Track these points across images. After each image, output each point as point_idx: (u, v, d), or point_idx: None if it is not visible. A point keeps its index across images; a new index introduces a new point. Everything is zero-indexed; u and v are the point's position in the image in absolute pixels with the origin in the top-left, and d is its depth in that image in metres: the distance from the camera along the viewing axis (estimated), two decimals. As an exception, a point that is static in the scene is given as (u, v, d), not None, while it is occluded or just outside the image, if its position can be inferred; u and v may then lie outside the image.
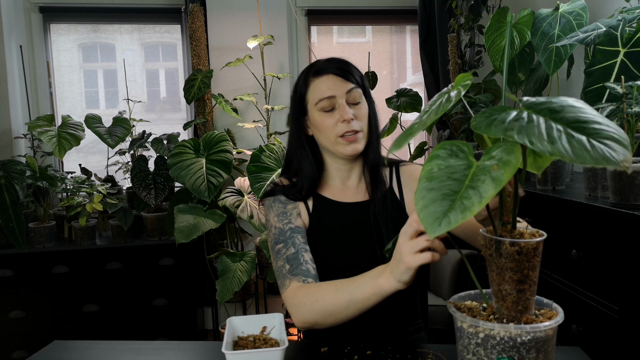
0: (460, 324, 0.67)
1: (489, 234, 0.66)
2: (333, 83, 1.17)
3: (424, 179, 0.59)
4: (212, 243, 2.80)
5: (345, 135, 1.15)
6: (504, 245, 0.64)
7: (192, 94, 2.77)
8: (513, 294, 0.65)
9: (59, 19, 3.10)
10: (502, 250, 0.64)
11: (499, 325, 0.63)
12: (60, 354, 1.11)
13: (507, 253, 0.64)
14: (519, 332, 0.62)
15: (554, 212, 1.64)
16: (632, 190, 1.29)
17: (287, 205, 1.22)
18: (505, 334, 0.62)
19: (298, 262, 1.10)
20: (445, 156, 0.61)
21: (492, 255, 0.65)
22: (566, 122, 0.54)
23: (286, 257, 1.12)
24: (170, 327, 2.59)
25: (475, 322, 0.64)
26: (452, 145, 0.62)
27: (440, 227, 0.53)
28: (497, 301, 0.66)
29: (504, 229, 0.67)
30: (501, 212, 0.67)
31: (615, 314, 1.33)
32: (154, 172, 2.65)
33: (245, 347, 0.97)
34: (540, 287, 1.68)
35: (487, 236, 0.65)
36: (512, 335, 0.62)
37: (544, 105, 0.57)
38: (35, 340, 2.47)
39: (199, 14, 2.82)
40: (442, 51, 3.00)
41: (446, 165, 0.60)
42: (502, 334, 0.63)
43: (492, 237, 0.65)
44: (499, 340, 0.63)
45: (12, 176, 2.36)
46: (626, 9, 1.63)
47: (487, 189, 0.54)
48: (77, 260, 2.50)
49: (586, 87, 1.57)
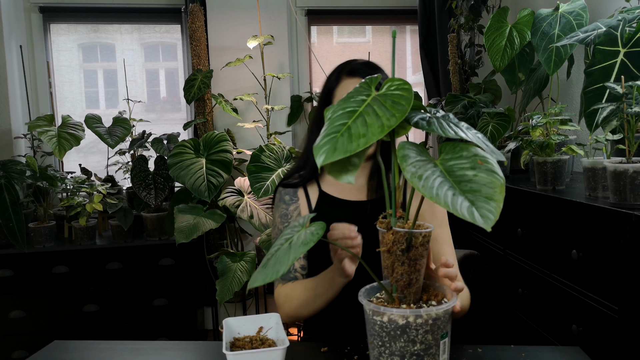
0: (367, 310, 0.75)
1: (402, 229, 0.72)
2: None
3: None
4: (212, 243, 2.80)
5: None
6: (416, 238, 0.72)
7: (192, 94, 2.77)
8: (419, 279, 0.75)
9: (59, 19, 3.10)
10: (414, 243, 0.72)
11: (397, 310, 0.72)
12: (60, 354, 1.11)
13: (419, 244, 0.73)
14: (420, 314, 0.71)
15: (554, 212, 1.64)
16: (632, 190, 1.29)
17: (290, 207, 1.27)
18: (406, 317, 0.71)
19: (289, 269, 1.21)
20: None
21: (403, 249, 0.73)
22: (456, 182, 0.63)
23: None
24: (170, 327, 2.59)
25: (377, 307, 0.73)
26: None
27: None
28: (404, 289, 0.75)
29: (403, 223, 0.74)
30: (394, 209, 0.75)
31: (615, 314, 1.33)
32: (154, 172, 2.65)
33: (243, 348, 0.96)
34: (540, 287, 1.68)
35: (401, 231, 0.72)
36: (412, 318, 0.71)
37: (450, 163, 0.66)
38: (35, 340, 2.47)
39: (199, 14, 2.82)
40: (442, 51, 3.00)
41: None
42: (404, 318, 0.71)
43: (407, 231, 0.72)
44: (400, 324, 0.71)
45: (12, 176, 2.36)
46: (626, 9, 1.63)
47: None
48: (77, 260, 2.50)
49: (586, 87, 1.57)
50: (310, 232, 0.73)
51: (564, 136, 1.71)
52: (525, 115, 2.18)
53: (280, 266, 0.70)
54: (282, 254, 0.72)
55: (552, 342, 1.67)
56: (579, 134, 2.19)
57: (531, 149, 1.73)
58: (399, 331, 0.72)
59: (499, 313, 2.09)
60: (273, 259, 0.73)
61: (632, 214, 1.23)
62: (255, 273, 0.75)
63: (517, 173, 2.26)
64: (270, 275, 0.70)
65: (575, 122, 1.94)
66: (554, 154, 1.72)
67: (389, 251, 0.74)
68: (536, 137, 1.71)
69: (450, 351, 1.06)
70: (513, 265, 1.94)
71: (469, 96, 2.46)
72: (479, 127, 2.19)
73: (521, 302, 1.88)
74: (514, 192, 1.90)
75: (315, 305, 1.16)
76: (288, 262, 0.69)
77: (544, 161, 1.71)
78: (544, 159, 1.71)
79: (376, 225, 0.77)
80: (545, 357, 1.04)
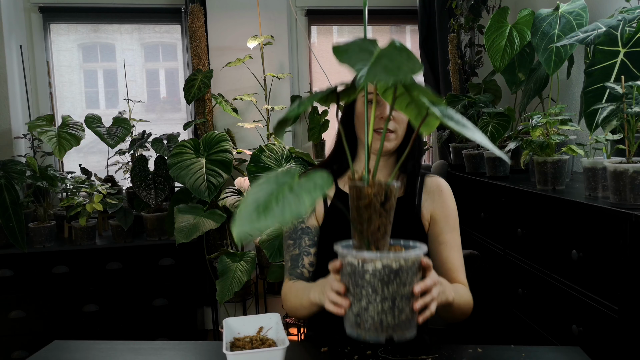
0: (356, 261, 0.80)
1: (382, 182, 0.78)
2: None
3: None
4: (212, 243, 2.80)
5: (378, 131, 1.21)
6: (392, 190, 0.78)
7: (192, 94, 2.77)
8: (388, 227, 0.81)
9: (59, 19, 3.10)
10: (389, 195, 0.78)
11: (393, 254, 0.78)
12: (60, 354, 1.11)
13: (393, 195, 0.79)
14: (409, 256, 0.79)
15: (554, 212, 1.64)
16: (632, 190, 1.29)
17: None
18: (398, 260, 0.78)
19: (296, 264, 1.24)
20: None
21: (382, 201, 0.78)
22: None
23: (290, 255, 1.26)
24: (170, 327, 2.59)
25: (372, 255, 0.78)
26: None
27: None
28: (379, 240, 0.80)
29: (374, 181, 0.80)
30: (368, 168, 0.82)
31: (615, 314, 1.33)
32: (154, 172, 2.65)
33: (243, 348, 0.96)
34: (540, 287, 1.68)
35: (382, 183, 0.78)
36: (403, 261, 0.78)
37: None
38: (35, 340, 2.47)
39: (199, 14, 2.82)
40: (442, 51, 3.00)
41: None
42: (397, 262, 0.78)
43: (385, 183, 0.78)
44: (394, 268, 0.78)
45: (12, 176, 2.36)
46: (626, 9, 1.63)
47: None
48: (77, 260, 2.50)
49: (586, 87, 1.57)
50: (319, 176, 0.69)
51: (564, 136, 1.71)
52: (525, 115, 2.18)
53: (297, 208, 0.64)
54: (291, 200, 0.66)
55: (552, 342, 1.67)
56: (579, 134, 2.19)
57: (531, 149, 1.73)
58: (392, 275, 0.78)
59: (499, 313, 2.09)
60: (279, 204, 0.66)
61: (632, 214, 1.23)
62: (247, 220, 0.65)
63: (517, 173, 2.26)
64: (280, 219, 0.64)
65: (575, 122, 1.94)
66: (554, 154, 1.72)
67: (369, 205, 0.78)
68: (536, 137, 1.71)
69: (450, 351, 1.06)
70: (513, 265, 1.94)
71: (469, 96, 2.46)
72: (479, 127, 2.19)
73: (521, 302, 1.88)
74: (514, 192, 1.90)
75: (302, 312, 1.17)
76: (305, 204, 0.65)
77: (544, 161, 1.71)
78: (544, 159, 1.71)
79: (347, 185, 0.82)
80: (545, 357, 1.04)
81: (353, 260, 0.80)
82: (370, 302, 0.78)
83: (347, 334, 0.83)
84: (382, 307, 0.78)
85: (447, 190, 1.32)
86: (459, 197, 2.54)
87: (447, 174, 2.62)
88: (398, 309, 0.79)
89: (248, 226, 0.64)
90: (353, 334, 0.81)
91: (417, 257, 0.81)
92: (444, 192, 1.30)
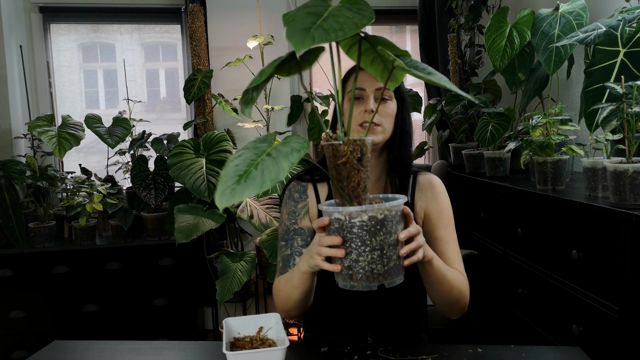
0: (343, 216, 0.83)
1: (356, 139, 0.82)
2: (368, 77, 1.23)
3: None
4: (212, 243, 2.80)
5: (363, 125, 1.21)
6: (366, 146, 0.82)
7: (192, 94, 2.77)
8: (367, 182, 0.84)
9: (59, 19, 3.10)
10: (365, 151, 0.82)
11: (377, 206, 0.82)
12: (60, 354, 1.11)
13: (369, 151, 0.83)
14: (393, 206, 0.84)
15: (554, 212, 1.64)
16: (632, 190, 1.29)
17: (298, 204, 1.29)
18: (383, 211, 0.82)
19: (288, 264, 1.23)
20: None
21: (359, 157, 0.82)
22: None
23: (282, 256, 1.26)
24: (170, 327, 2.59)
25: (359, 208, 0.81)
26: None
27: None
28: (360, 195, 0.83)
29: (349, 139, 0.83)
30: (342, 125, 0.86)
31: (615, 314, 1.33)
32: (154, 172, 2.65)
33: (243, 348, 0.96)
34: (540, 287, 1.68)
35: (357, 140, 0.81)
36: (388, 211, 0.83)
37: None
38: (35, 340, 2.47)
39: (199, 14, 2.82)
40: (442, 51, 3.00)
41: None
42: (381, 213, 0.82)
43: (361, 139, 0.82)
44: (379, 218, 0.82)
45: (12, 176, 2.36)
46: (626, 9, 1.63)
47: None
48: (77, 260, 2.50)
49: (586, 87, 1.57)
50: (295, 140, 0.73)
51: (564, 136, 1.71)
52: (525, 115, 2.18)
53: (276, 173, 0.66)
54: (269, 164, 0.68)
55: (552, 342, 1.67)
56: (579, 134, 2.19)
57: (531, 149, 1.73)
58: (379, 225, 0.82)
59: (499, 313, 2.09)
60: (259, 169, 0.68)
61: (632, 213, 1.23)
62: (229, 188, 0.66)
63: (517, 173, 2.26)
64: (260, 185, 0.65)
65: (575, 122, 1.94)
66: (554, 154, 1.72)
67: (347, 162, 0.82)
68: (536, 137, 1.71)
69: (450, 351, 1.06)
70: (513, 265, 1.94)
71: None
72: (479, 127, 2.19)
73: (521, 302, 1.88)
74: (514, 192, 1.90)
75: (294, 297, 1.13)
76: (284, 168, 0.67)
77: (544, 161, 1.71)
78: (544, 159, 1.71)
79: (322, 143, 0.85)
80: (545, 357, 1.04)
81: (340, 216, 0.83)
82: (360, 253, 0.83)
83: (341, 287, 0.87)
84: (372, 257, 0.83)
85: (439, 186, 1.31)
86: (459, 197, 2.55)
87: (447, 174, 2.62)
88: (387, 257, 0.83)
89: (229, 195, 0.65)
90: (346, 286, 0.85)
91: (400, 206, 0.86)
92: (436, 188, 1.30)
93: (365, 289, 0.84)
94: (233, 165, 0.70)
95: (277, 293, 1.20)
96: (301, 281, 1.08)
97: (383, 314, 1.24)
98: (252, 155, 0.71)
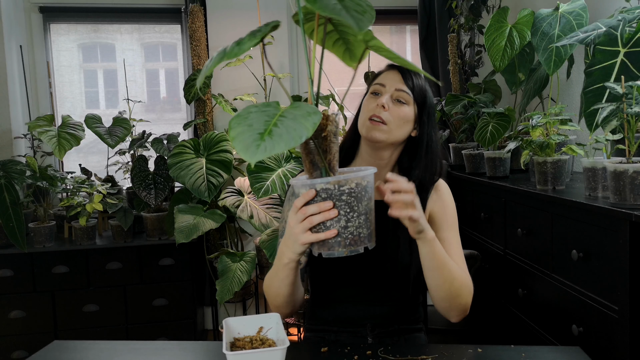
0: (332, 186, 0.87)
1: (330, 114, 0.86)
2: (393, 76, 1.25)
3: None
4: (212, 243, 2.80)
5: (372, 119, 1.21)
6: (336, 121, 0.87)
7: (192, 94, 2.78)
8: (337, 153, 0.89)
9: (59, 19, 3.10)
10: (337, 124, 0.87)
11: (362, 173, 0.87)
12: (60, 354, 1.11)
13: (336, 122, 0.87)
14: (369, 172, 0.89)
15: (554, 212, 1.64)
16: (632, 190, 1.29)
17: None
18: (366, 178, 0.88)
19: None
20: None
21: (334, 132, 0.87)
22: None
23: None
24: (170, 327, 2.59)
25: (345, 177, 0.86)
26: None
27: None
28: (333, 167, 0.88)
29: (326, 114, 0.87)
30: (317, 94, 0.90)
31: (615, 314, 1.33)
32: (154, 172, 2.65)
33: (243, 348, 0.96)
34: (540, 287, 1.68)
35: (330, 115, 0.86)
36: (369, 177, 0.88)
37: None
38: (35, 340, 2.47)
39: (199, 14, 2.82)
40: (442, 51, 3.00)
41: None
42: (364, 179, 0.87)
43: (333, 114, 0.86)
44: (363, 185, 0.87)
45: (12, 176, 2.36)
46: (626, 9, 1.63)
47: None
48: (77, 260, 2.50)
49: (586, 87, 1.57)
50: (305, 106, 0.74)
51: (564, 136, 1.71)
52: (525, 115, 2.18)
53: (301, 131, 0.68)
54: (290, 123, 0.70)
55: (552, 342, 1.67)
56: (579, 134, 2.19)
57: (531, 149, 1.73)
58: (363, 192, 0.87)
59: (499, 313, 2.09)
60: (281, 127, 0.69)
61: (631, 213, 1.23)
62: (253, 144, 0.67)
63: (517, 173, 2.26)
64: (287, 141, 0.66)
65: (575, 122, 1.94)
66: (554, 154, 1.72)
67: (327, 135, 0.86)
68: (536, 137, 1.71)
69: (450, 351, 1.06)
70: (513, 265, 1.94)
71: (469, 96, 2.46)
72: (479, 127, 2.19)
73: (521, 302, 1.88)
74: (514, 192, 1.90)
75: (282, 289, 1.12)
76: (307, 127, 0.68)
77: (544, 161, 1.71)
78: (544, 159, 1.71)
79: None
80: (545, 357, 1.04)
81: (329, 186, 0.87)
82: (349, 219, 0.87)
83: (325, 256, 0.90)
84: (359, 222, 0.88)
85: (444, 188, 1.31)
86: (460, 197, 2.55)
87: (447, 174, 2.62)
88: (369, 221, 0.89)
89: (255, 149, 0.66)
90: (334, 253, 0.89)
91: (373, 173, 0.91)
92: (441, 190, 1.30)
93: (352, 253, 0.88)
94: (246, 125, 0.69)
95: (267, 290, 1.19)
96: (286, 273, 1.08)
97: (383, 314, 1.24)
98: (264, 117, 0.72)
